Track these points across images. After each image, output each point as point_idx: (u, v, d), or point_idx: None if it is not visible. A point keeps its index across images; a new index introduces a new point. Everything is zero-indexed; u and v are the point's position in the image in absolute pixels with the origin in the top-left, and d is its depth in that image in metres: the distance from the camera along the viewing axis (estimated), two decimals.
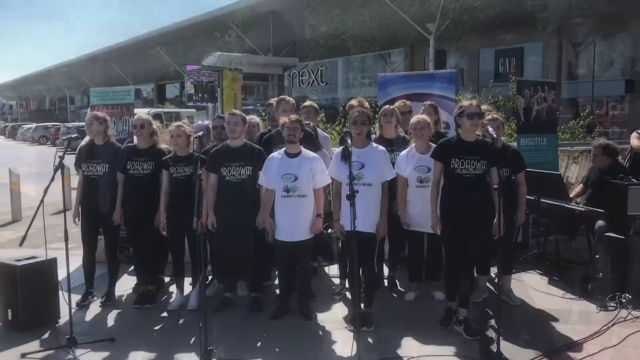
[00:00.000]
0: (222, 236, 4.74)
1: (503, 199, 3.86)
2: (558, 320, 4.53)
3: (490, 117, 4.79)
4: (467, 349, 4.01)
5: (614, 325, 4.36)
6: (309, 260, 4.92)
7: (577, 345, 4.04)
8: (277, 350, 4.08)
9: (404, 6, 20.93)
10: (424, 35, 22.52)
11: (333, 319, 4.65)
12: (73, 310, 4.28)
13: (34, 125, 45.29)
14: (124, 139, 6.43)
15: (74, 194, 5.26)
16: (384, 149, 4.54)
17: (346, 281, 5.14)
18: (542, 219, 6.48)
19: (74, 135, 6.59)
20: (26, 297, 4.40)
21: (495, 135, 3.99)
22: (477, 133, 4.26)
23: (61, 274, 4.63)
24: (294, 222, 4.57)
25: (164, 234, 4.91)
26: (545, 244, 6.20)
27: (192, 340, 4.21)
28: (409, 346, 4.09)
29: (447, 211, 4.27)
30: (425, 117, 4.93)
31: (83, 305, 5.00)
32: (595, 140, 6.31)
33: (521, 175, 4.84)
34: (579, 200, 6.13)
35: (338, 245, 5.56)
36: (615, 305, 4.71)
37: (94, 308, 5.00)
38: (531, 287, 5.38)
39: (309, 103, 5.89)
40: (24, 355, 3.99)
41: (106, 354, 4.05)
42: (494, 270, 5.23)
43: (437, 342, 4.12)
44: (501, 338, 3.74)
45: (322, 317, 4.67)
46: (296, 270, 4.82)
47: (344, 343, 4.11)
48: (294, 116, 4.75)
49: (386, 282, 5.39)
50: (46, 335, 4.35)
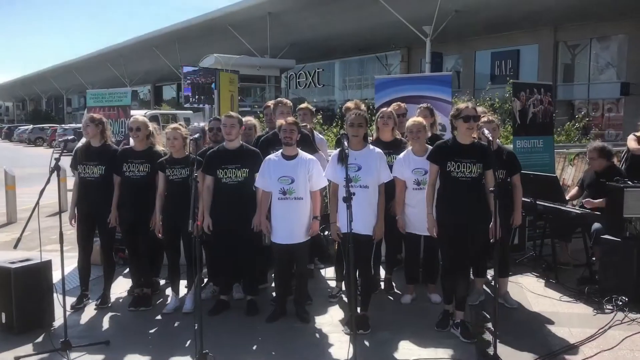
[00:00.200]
0: (218, 238, 4.73)
1: (499, 201, 3.86)
2: (554, 323, 4.53)
3: (485, 119, 4.81)
4: (464, 351, 4.01)
5: (610, 328, 4.36)
6: (306, 262, 4.91)
7: (574, 348, 4.04)
8: (273, 353, 4.07)
9: (401, 8, 20.94)
10: (420, 37, 22.55)
11: (329, 322, 4.64)
12: (68, 313, 4.26)
13: (31, 126, 45.24)
14: (120, 140, 6.42)
15: (69, 196, 5.23)
16: (381, 151, 4.53)
17: (342, 284, 5.13)
18: (538, 221, 6.49)
19: (70, 137, 6.58)
20: (20, 299, 4.38)
21: (491, 138, 3.99)
22: (473, 136, 4.26)
23: (56, 276, 4.61)
24: (290, 225, 4.55)
25: (160, 236, 4.91)
26: (542, 247, 6.21)
27: (188, 343, 4.19)
28: (405, 349, 4.09)
29: (443, 214, 4.27)
30: (421, 119, 4.93)
31: (78, 307, 4.98)
32: (590, 143, 6.31)
33: (517, 177, 4.85)
34: (575, 203, 6.15)
35: (334, 248, 5.55)
36: (611, 308, 4.72)
37: (89, 311, 4.98)
38: (528, 289, 5.38)
39: (305, 105, 5.90)
40: (18, 359, 3.96)
41: (101, 357, 4.03)
42: (490, 273, 5.23)
43: (433, 345, 4.12)
44: (498, 341, 3.74)
45: (318, 320, 4.66)
46: (292, 273, 4.81)
47: (340, 346, 4.11)
48: (290, 118, 4.74)
49: (383, 284, 5.39)
50: (40, 339, 4.33)
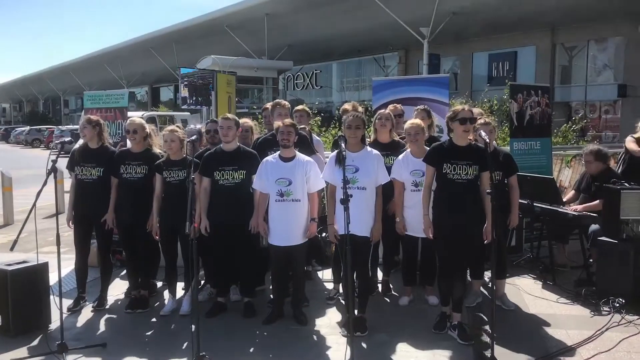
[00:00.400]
0: (215, 240, 4.72)
1: (496, 202, 3.86)
2: (552, 325, 4.53)
3: (482, 121, 4.82)
4: (461, 353, 4.01)
5: (607, 329, 4.37)
6: (303, 264, 4.90)
7: (571, 350, 4.04)
8: (270, 355, 4.06)
9: (398, 10, 20.95)
10: (417, 39, 22.57)
11: (327, 324, 4.64)
12: (64, 315, 4.25)
13: (28, 128, 45.15)
14: (117, 142, 6.40)
15: (67, 198, 5.21)
16: (378, 153, 4.53)
17: (340, 286, 5.13)
18: (535, 223, 6.50)
19: (67, 139, 6.56)
20: (17, 302, 4.37)
21: (487, 140, 4.00)
22: (469, 137, 4.26)
23: (53, 278, 4.59)
24: (287, 227, 4.55)
25: (157, 238, 4.90)
26: (539, 248, 6.21)
27: (185, 345, 4.19)
28: (402, 351, 4.09)
29: (439, 215, 4.27)
30: (419, 121, 4.92)
31: (74, 310, 4.97)
32: (586, 146, 6.31)
33: (513, 178, 4.86)
34: (572, 206, 6.15)
35: (332, 250, 5.55)
36: (608, 309, 4.72)
37: (86, 313, 4.96)
38: (525, 291, 5.38)
39: (301, 107, 5.92)
40: None
41: (97, 359, 4.01)
42: (487, 275, 5.23)
43: (431, 347, 4.12)
44: (495, 343, 3.73)
45: (315, 322, 4.66)
46: (290, 275, 4.81)
47: (337, 348, 4.11)
48: (288, 120, 4.74)
49: (380, 286, 5.39)
50: (37, 341, 4.31)
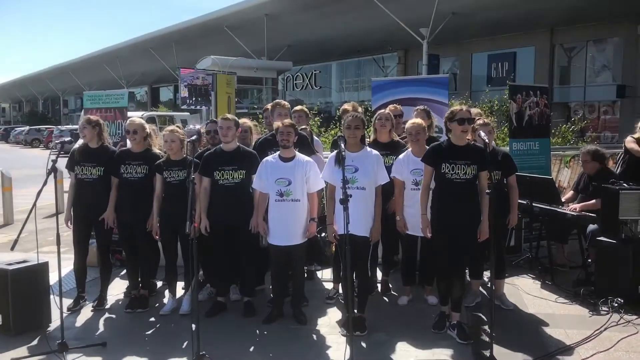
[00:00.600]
0: (215, 240, 4.73)
1: (493, 203, 3.87)
2: (550, 325, 4.54)
3: (481, 121, 4.82)
4: (460, 353, 4.02)
5: (606, 329, 4.38)
6: (303, 264, 4.91)
7: (570, 350, 4.05)
8: (270, 355, 4.07)
9: (398, 10, 20.96)
10: (417, 39, 22.59)
11: (326, 324, 4.64)
12: (64, 315, 4.25)
13: (27, 128, 45.11)
14: (117, 142, 6.41)
15: (66, 198, 5.22)
16: (378, 153, 4.54)
17: (339, 285, 5.14)
18: (534, 223, 6.51)
19: (67, 139, 6.57)
20: (17, 301, 4.38)
21: (487, 140, 4.01)
22: (468, 138, 4.27)
23: (53, 278, 4.60)
24: (287, 226, 4.56)
25: (157, 237, 4.91)
26: (538, 248, 6.23)
27: (185, 345, 4.19)
28: (402, 350, 4.10)
29: (438, 215, 4.28)
30: (420, 121, 4.94)
31: (74, 309, 4.98)
32: (583, 146, 6.34)
33: (512, 178, 4.87)
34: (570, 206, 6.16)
35: (331, 249, 5.56)
36: (607, 309, 4.73)
37: (86, 312, 4.97)
38: (524, 291, 5.40)
39: (299, 107, 5.94)
40: None
41: (98, 359, 4.02)
42: (487, 275, 5.23)
43: (430, 347, 4.13)
44: (494, 342, 3.75)
45: (315, 322, 4.67)
46: (289, 275, 4.82)
47: (337, 347, 4.12)
48: (287, 120, 4.75)
49: (379, 286, 5.40)
50: (37, 340, 4.32)
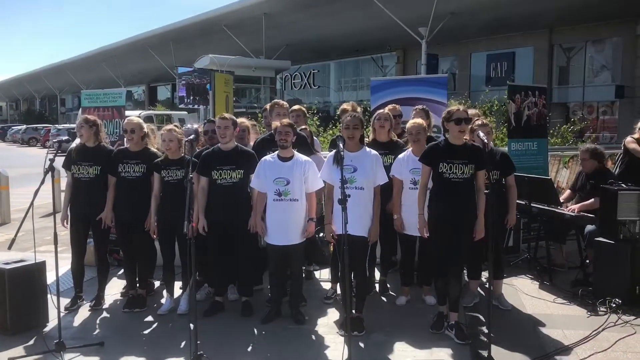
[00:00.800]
0: (213, 240, 4.72)
1: (491, 202, 3.87)
2: (548, 325, 4.54)
3: (480, 122, 4.82)
4: (458, 353, 4.01)
5: (604, 330, 4.38)
6: (301, 264, 4.91)
7: (568, 350, 4.06)
8: (268, 355, 4.06)
9: (397, 10, 20.95)
10: (416, 39, 22.58)
11: (324, 324, 4.64)
12: (62, 314, 4.23)
13: (24, 126, 45.00)
14: (114, 141, 6.40)
15: (63, 197, 5.21)
16: (377, 153, 4.53)
17: (337, 285, 5.13)
18: (533, 223, 6.52)
19: (64, 138, 6.55)
20: (14, 300, 4.36)
21: (486, 141, 4.01)
22: (465, 137, 4.27)
23: (50, 277, 4.59)
24: (285, 226, 4.55)
25: (155, 237, 4.89)
26: (536, 249, 6.23)
27: (182, 344, 4.19)
28: (400, 350, 4.10)
29: (435, 214, 4.28)
30: (421, 121, 4.93)
31: (72, 309, 4.96)
32: (582, 145, 6.35)
33: (511, 178, 4.88)
34: (568, 205, 6.17)
35: (330, 249, 5.55)
36: (605, 310, 4.74)
37: (83, 312, 4.96)
38: (522, 291, 5.40)
39: (297, 107, 5.93)
40: None
41: (95, 358, 4.01)
42: (485, 275, 5.24)
43: (428, 347, 4.13)
44: (492, 342, 3.75)
45: (313, 322, 4.66)
46: (288, 274, 4.81)
47: (335, 347, 4.11)
48: (285, 120, 4.74)
49: (377, 286, 5.39)
50: (34, 340, 4.31)
